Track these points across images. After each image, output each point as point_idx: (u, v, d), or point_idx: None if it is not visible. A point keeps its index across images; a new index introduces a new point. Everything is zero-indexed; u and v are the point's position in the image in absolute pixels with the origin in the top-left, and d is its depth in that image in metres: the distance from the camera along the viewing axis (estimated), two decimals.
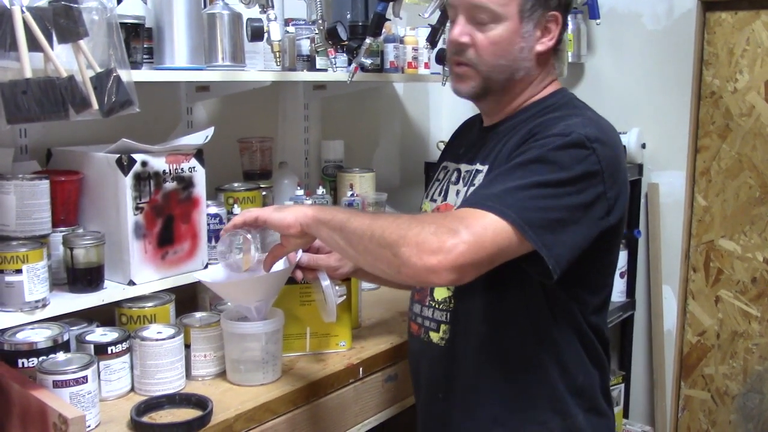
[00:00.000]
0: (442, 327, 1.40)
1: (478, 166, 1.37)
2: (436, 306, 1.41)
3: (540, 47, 1.33)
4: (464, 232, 1.12)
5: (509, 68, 1.32)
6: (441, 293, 1.40)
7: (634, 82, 2.66)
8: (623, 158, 1.31)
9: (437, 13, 2.05)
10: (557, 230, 1.17)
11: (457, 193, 1.40)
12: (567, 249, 1.18)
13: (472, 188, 1.35)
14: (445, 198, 1.44)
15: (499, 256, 1.16)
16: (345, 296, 1.64)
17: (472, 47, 1.32)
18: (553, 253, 1.16)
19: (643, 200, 2.68)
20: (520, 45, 1.31)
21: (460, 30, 1.32)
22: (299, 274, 1.50)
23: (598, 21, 2.62)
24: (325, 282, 1.49)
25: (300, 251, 1.49)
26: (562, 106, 1.34)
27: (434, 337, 1.42)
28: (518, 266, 1.20)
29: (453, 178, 1.44)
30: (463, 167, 1.42)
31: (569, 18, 2.53)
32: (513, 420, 1.35)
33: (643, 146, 2.62)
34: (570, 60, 2.61)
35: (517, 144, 1.28)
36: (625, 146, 2.54)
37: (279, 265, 1.46)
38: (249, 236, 1.39)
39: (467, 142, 1.48)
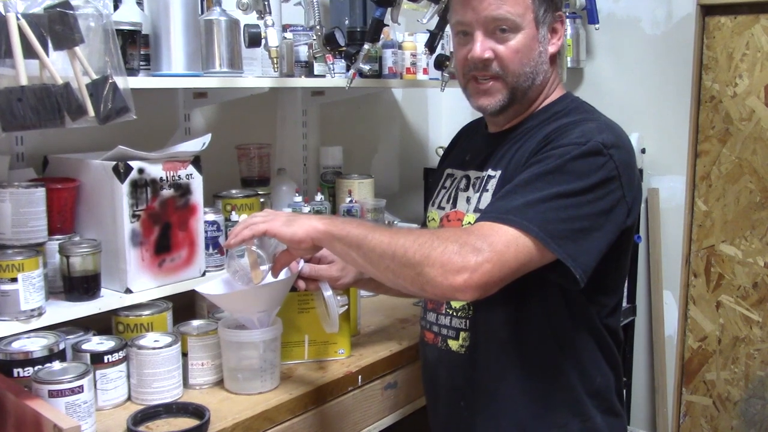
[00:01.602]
0: (462, 334, 1.40)
1: (490, 172, 1.37)
2: (454, 314, 1.41)
3: (552, 48, 1.36)
4: (488, 249, 1.13)
5: (532, 74, 1.34)
6: (459, 301, 1.39)
7: (634, 87, 2.65)
8: (635, 160, 1.32)
9: (436, 19, 2.04)
10: (580, 239, 1.19)
11: (468, 199, 1.40)
12: (591, 257, 1.20)
13: (485, 194, 1.35)
14: (454, 205, 1.43)
15: (523, 269, 1.18)
16: (347, 306, 1.63)
17: (495, 60, 1.33)
18: (579, 263, 1.18)
19: (643, 205, 2.67)
20: (539, 50, 1.34)
21: (481, 46, 1.32)
22: (301, 284, 1.50)
23: (597, 26, 2.61)
24: (327, 292, 1.48)
25: (302, 261, 1.48)
26: (572, 111, 1.35)
27: (453, 344, 1.41)
28: (538, 272, 1.21)
29: (462, 185, 1.43)
30: (472, 174, 1.42)
31: (568, 22, 2.57)
32: (535, 424, 1.36)
33: (643, 151, 2.61)
34: (569, 65, 2.60)
35: (533, 150, 1.28)
36: None
37: (281, 275, 1.45)
38: (254, 248, 1.37)
39: (472, 148, 1.47)
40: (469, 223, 1.36)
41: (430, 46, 2.16)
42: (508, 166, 1.33)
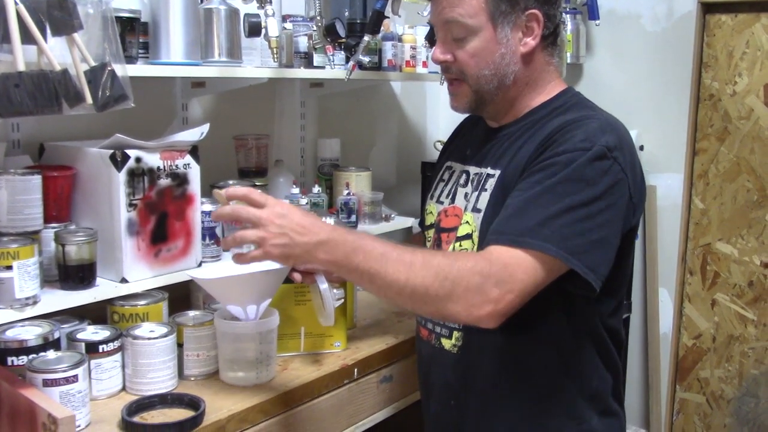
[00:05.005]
0: (455, 334, 1.39)
1: (489, 170, 1.34)
2: None
3: (523, 49, 1.31)
4: (509, 280, 1.15)
5: (495, 76, 1.31)
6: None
7: (633, 84, 2.65)
8: (638, 156, 1.30)
9: None
10: (597, 249, 1.19)
11: (466, 195, 1.38)
12: (608, 264, 1.21)
13: (483, 193, 1.33)
14: (453, 201, 1.41)
15: (543, 287, 1.19)
16: (343, 299, 1.62)
17: (455, 63, 1.32)
18: (598, 274, 1.19)
19: None
20: (500, 51, 1.30)
21: (440, 48, 1.34)
22: (297, 277, 1.48)
23: (597, 22, 2.60)
24: (323, 285, 1.47)
25: None
26: (572, 107, 1.32)
27: (446, 343, 1.40)
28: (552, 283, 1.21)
29: (461, 181, 1.41)
30: (472, 169, 1.40)
31: (568, 18, 2.56)
32: (527, 428, 1.35)
33: (641, 148, 2.61)
34: (569, 61, 2.60)
35: (534, 151, 1.26)
36: None
37: (275, 265, 1.43)
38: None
39: (473, 142, 1.45)
40: (467, 222, 1.35)
41: (430, 39, 2.15)
42: (508, 166, 1.31)
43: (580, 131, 1.23)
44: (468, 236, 1.34)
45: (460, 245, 1.35)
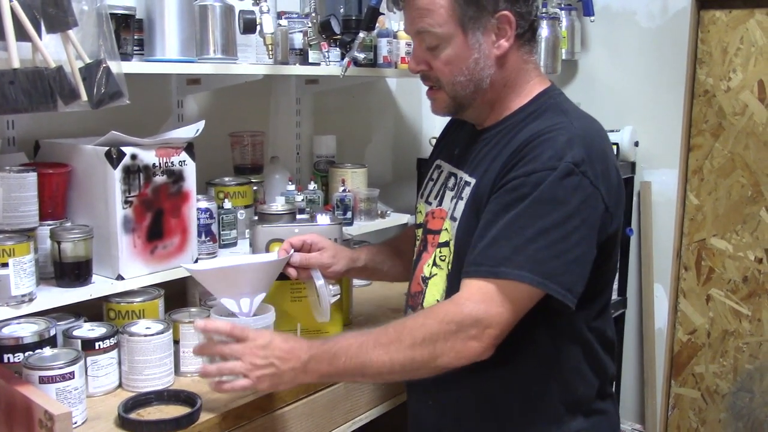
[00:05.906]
0: None
1: (467, 177, 1.33)
2: None
3: (497, 51, 1.29)
4: (485, 317, 1.17)
5: (471, 82, 1.30)
6: (432, 302, 1.37)
7: (628, 80, 2.65)
8: (613, 160, 1.28)
9: None
10: (574, 268, 1.19)
11: (451, 199, 1.37)
12: (583, 280, 1.21)
13: (460, 202, 1.32)
14: (440, 203, 1.40)
15: (524, 312, 1.20)
16: (339, 296, 1.62)
17: (431, 71, 1.32)
18: (574, 292, 1.18)
19: (635, 198, 2.68)
20: (474, 57, 1.28)
21: (415, 59, 1.34)
22: (293, 273, 1.48)
23: (592, 18, 2.61)
24: (319, 281, 1.47)
25: (292, 250, 1.48)
26: (547, 111, 1.30)
27: None
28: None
29: (450, 184, 1.40)
30: (459, 173, 1.39)
31: (563, 14, 2.57)
32: None
33: (636, 144, 2.62)
34: (564, 57, 2.60)
35: (503, 165, 1.25)
36: (617, 144, 2.55)
37: (271, 257, 1.43)
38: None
39: (461, 141, 1.44)
40: (446, 229, 1.35)
41: None
42: (483, 177, 1.29)
43: (547, 147, 1.21)
44: (446, 244, 1.35)
45: (440, 251, 1.36)
